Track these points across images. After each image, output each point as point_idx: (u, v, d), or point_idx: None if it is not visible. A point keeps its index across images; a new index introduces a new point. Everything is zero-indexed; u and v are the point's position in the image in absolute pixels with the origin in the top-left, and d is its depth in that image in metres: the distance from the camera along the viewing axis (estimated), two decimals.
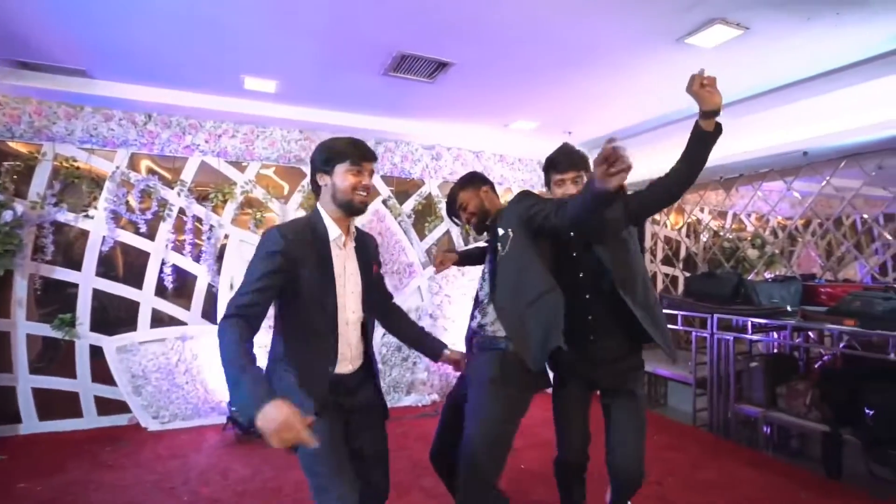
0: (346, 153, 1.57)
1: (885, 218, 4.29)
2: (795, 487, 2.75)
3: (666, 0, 2.26)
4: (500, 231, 1.89)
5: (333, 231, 1.60)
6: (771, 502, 2.59)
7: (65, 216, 3.46)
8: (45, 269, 3.43)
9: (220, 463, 2.96)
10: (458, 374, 2.02)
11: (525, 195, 1.96)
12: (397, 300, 2.10)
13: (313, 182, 1.65)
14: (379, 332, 4.14)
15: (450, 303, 4.47)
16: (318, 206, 1.65)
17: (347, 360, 1.61)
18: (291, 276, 1.49)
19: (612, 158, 1.36)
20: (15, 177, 3.31)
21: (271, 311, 1.54)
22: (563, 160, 1.91)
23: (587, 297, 1.87)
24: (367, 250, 1.72)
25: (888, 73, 2.79)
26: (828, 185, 3.84)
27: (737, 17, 2.38)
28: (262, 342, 1.59)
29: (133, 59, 2.99)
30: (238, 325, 1.35)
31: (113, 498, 2.52)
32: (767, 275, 4.67)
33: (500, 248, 1.87)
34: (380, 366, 4.12)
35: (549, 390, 2.04)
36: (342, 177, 1.57)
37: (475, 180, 2.16)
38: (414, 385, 4.29)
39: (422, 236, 4.46)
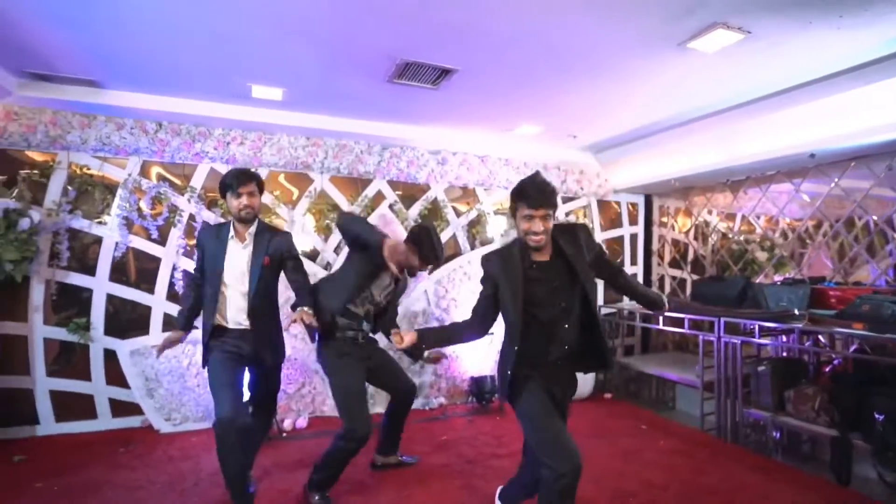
0: (230, 184, 2.46)
1: None
2: (800, 493, 2.73)
3: (665, 5, 2.27)
4: None
5: (232, 232, 2.52)
6: None
7: (79, 223, 3.55)
8: (61, 275, 3.52)
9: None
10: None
11: None
12: (404, 304, 2.75)
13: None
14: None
15: (456, 306, 4.49)
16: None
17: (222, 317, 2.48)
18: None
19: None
20: (32, 185, 3.41)
21: None
22: (536, 196, 1.86)
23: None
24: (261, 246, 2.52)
25: (893, 75, 2.76)
26: (836, 187, 3.80)
27: (738, 21, 2.37)
28: None
29: (143, 69, 3.07)
30: None
31: (127, 498, 2.59)
32: (777, 278, 4.63)
33: None
34: None
35: None
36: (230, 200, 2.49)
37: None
38: (421, 388, 4.32)
39: None
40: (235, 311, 2.46)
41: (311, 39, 2.66)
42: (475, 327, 2.07)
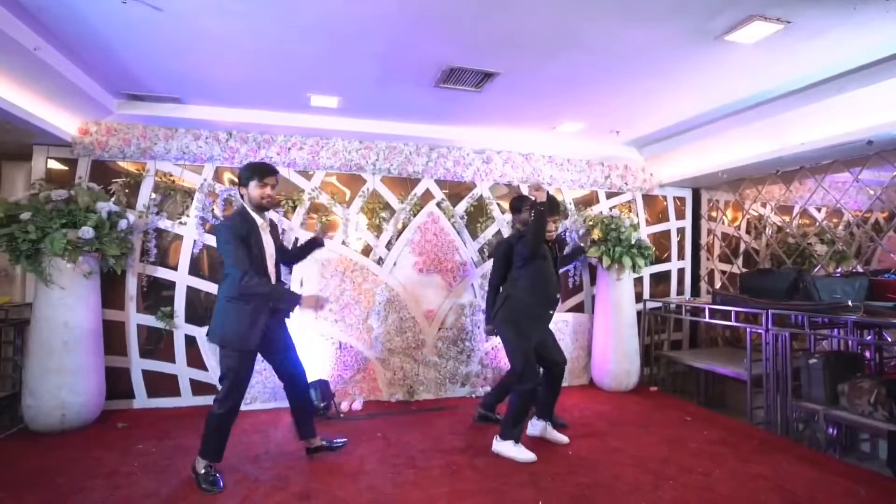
0: (255, 175, 2.65)
1: None
2: (853, 485, 2.68)
3: (698, 1, 2.34)
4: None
5: (259, 220, 2.70)
6: (823, 498, 2.55)
7: (164, 223, 4.03)
8: (150, 269, 4.01)
9: (296, 438, 3.33)
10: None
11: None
12: (452, 297, 3.56)
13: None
14: (435, 326, 4.41)
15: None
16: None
17: None
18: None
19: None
20: (126, 191, 3.91)
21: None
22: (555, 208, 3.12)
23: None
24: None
25: None
26: None
27: (776, 12, 2.40)
28: None
29: (217, 85, 3.47)
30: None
31: None
32: (838, 272, 4.46)
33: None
34: (436, 358, 4.40)
35: None
36: (253, 189, 2.65)
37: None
38: (468, 377, 4.52)
39: (474, 236, 4.68)
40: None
41: (364, 51, 2.93)
42: None
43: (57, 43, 2.80)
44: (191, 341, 4.06)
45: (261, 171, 2.65)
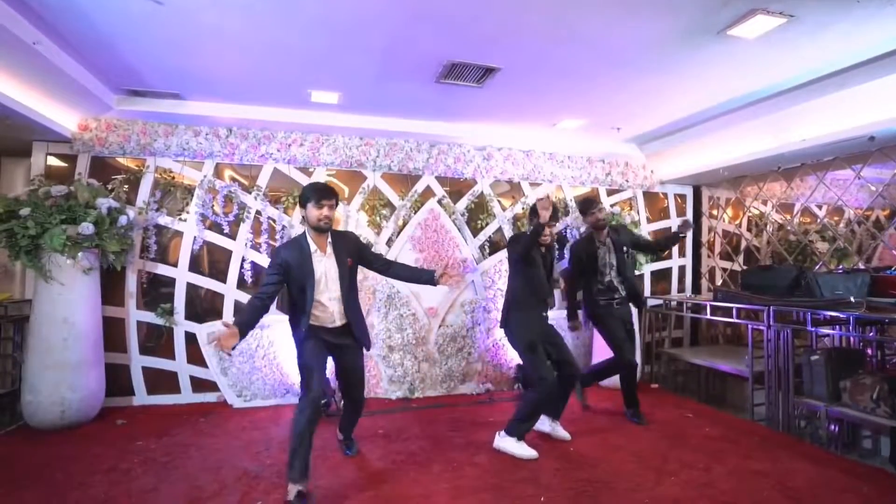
0: (311, 196, 2.58)
1: None
2: (855, 482, 2.68)
3: None
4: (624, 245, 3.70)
5: (313, 246, 2.62)
6: (824, 494, 2.54)
7: (164, 220, 4.01)
8: (150, 266, 4.00)
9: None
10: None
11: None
12: (453, 294, 3.29)
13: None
14: (435, 323, 4.41)
15: (502, 296, 4.63)
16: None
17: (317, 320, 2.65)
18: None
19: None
20: (126, 187, 3.90)
21: None
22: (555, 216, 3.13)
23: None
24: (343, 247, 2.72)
25: None
26: None
27: (778, 6, 2.39)
28: None
29: (217, 81, 3.45)
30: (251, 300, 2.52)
31: (209, 457, 2.95)
32: (840, 269, 4.46)
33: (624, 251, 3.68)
34: (436, 355, 4.40)
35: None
36: (311, 211, 2.59)
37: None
38: (469, 374, 4.51)
39: (475, 233, 4.67)
40: (331, 314, 2.63)
41: (364, 46, 2.92)
42: None
43: (57, 38, 2.79)
44: (191, 338, 4.05)
45: (318, 194, 2.57)
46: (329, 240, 2.67)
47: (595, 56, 2.99)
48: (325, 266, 2.62)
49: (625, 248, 3.70)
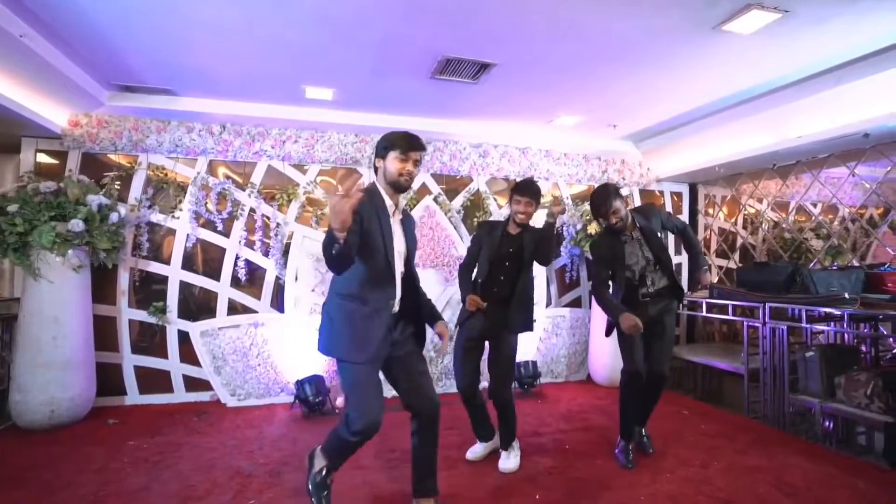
0: (397, 145, 2.04)
1: None
2: (850, 477, 2.67)
3: None
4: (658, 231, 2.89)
5: (389, 202, 2.06)
6: (820, 489, 2.54)
7: (157, 217, 3.97)
8: (142, 264, 3.95)
9: (290, 433, 3.32)
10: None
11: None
12: (447, 293, 2.65)
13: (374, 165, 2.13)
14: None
15: None
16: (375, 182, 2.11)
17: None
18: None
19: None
20: (118, 184, 3.85)
21: None
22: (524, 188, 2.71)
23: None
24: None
25: None
26: (895, 169, 3.65)
27: (773, 1, 2.38)
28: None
29: (211, 76, 3.41)
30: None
31: (203, 455, 2.92)
32: (834, 266, 4.47)
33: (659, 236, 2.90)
34: (432, 354, 4.37)
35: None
36: (392, 162, 2.03)
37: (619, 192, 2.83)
38: None
39: (471, 231, 4.65)
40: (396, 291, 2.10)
41: (359, 41, 2.89)
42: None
43: (45, 31, 2.74)
44: (184, 337, 4.00)
45: (406, 143, 2.04)
46: (401, 204, 2.18)
47: (591, 51, 2.97)
48: (396, 232, 2.10)
49: (659, 234, 2.92)
